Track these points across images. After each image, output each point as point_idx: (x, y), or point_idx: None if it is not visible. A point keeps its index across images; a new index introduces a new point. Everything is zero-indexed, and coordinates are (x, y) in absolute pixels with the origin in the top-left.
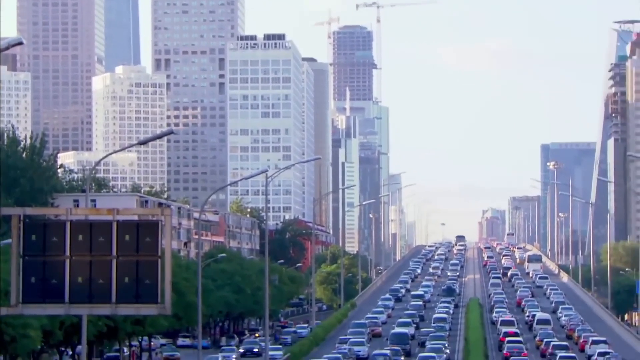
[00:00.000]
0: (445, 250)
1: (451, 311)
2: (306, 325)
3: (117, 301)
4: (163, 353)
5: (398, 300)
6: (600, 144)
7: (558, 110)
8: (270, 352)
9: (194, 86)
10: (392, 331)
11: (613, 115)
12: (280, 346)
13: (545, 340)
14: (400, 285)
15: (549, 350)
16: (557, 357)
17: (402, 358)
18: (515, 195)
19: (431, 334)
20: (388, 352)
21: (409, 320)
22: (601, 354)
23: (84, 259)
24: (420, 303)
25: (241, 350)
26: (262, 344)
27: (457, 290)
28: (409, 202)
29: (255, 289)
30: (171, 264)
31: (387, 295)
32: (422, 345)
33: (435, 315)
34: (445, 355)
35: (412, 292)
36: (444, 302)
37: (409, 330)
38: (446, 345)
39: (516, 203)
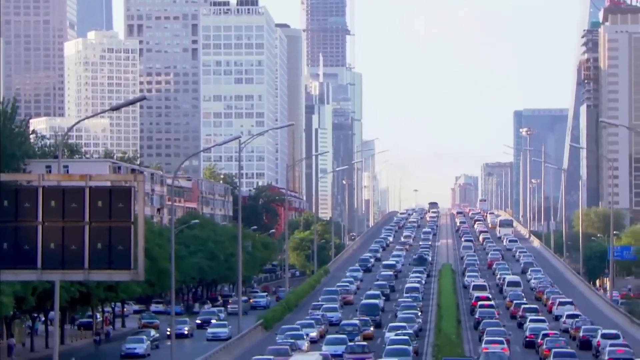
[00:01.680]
0: (418, 217)
1: (423, 281)
2: (265, 293)
3: (89, 267)
4: (142, 320)
5: (367, 270)
6: (572, 110)
7: (531, 77)
8: (214, 330)
9: (166, 52)
10: (362, 302)
11: (585, 81)
12: (225, 322)
13: (515, 301)
14: (370, 254)
15: (520, 313)
16: (528, 320)
17: (372, 328)
18: (488, 162)
19: (402, 304)
20: (357, 322)
21: (377, 292)
22: (570, 316)
23: (56, 225)
24: (391, 273)
25: (198, 321)
26: (221, 314)
27: (430, 259)
28: (382, 168)
29: (229, 255)
30: (144, 230)
31: (356, 266)
32: (396, 316)
33: (407, 285)
34: (417, 325)
35: (383, 262)
36: (416, 271)
37: (379, 302)
38: (418, 314)
39: (489, 169)
